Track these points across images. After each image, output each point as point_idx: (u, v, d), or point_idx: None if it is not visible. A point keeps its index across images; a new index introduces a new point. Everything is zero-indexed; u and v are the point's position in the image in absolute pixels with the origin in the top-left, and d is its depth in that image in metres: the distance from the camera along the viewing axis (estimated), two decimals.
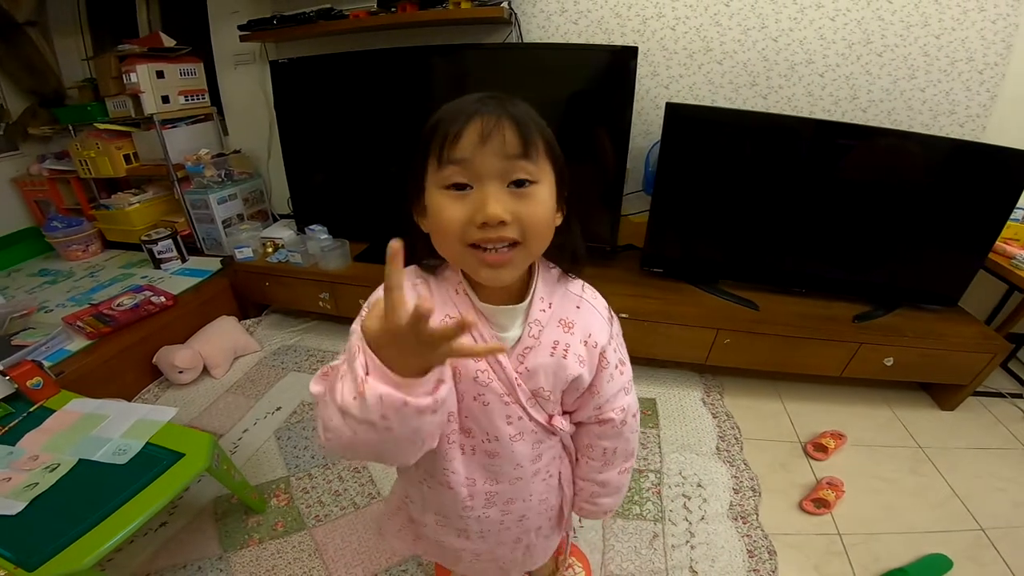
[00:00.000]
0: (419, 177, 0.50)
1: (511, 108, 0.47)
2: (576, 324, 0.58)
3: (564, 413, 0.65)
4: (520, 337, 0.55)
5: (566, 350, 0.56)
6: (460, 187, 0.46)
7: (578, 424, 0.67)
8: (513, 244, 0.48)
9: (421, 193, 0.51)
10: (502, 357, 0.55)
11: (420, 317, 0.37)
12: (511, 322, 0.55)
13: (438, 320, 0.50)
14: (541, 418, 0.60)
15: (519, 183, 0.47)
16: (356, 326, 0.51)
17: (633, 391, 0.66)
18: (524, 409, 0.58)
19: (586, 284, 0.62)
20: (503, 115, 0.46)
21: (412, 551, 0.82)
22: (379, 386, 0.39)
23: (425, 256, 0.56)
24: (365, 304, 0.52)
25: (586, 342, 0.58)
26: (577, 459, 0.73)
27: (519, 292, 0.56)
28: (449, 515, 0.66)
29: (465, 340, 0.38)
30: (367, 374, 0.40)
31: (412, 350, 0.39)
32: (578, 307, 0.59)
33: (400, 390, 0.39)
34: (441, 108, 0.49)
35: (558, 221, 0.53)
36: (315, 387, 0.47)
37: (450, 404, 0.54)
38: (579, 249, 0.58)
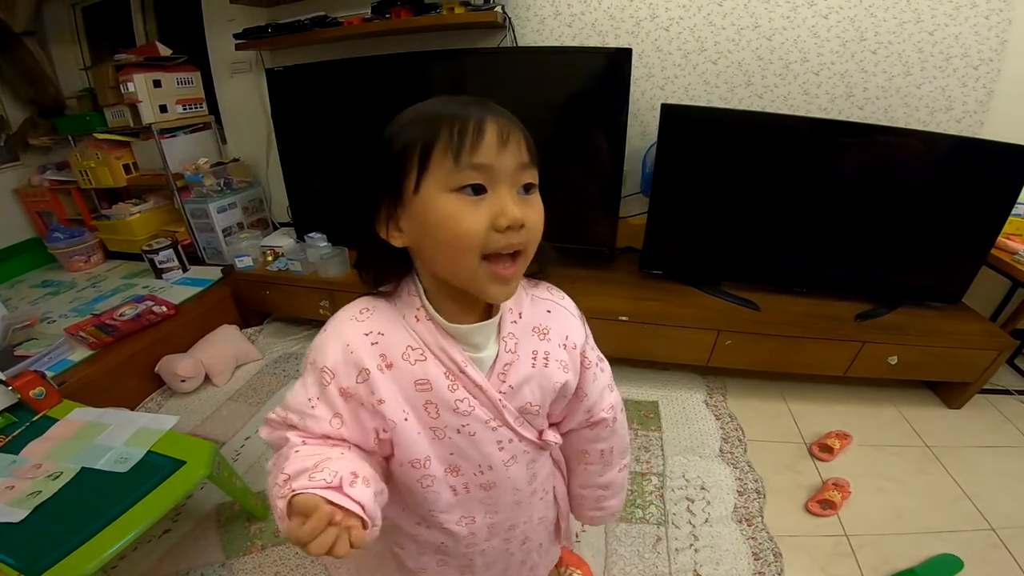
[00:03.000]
0: (397, 188, 0.45)
1: (509, 114, 0.46)
2: (552, 329, 0.56)
3: (551, 425, 0.62)
4: (497, 354, 0.52)
5: (547, 358, 0.54)
6: (478, 190, 0.43)
7: (568, 433, 0.65)
8: (515, 253, 0.46)
9: (397, 205, 0.46)
10: (481, 379, 0.51)
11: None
12: (485, 340, 0.52)
13: (399, 353, 0.50)
14: (532, 436, 0.57)
15: (527, 188, 0.46)
16: (310, 379, 0.52)
17: (615, 387, 0.64)
18: (513, 430, 0.55)
19: (551, 286, 0.60)
20: (511, 121, 0.45)
21: None
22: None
23: (392, 275, 0.53)
24: (311, 362, 0.52)
25: (564, 345, 0.56)
26: (571, 469, 0.70)
27: (486, 307, 0.53)
28: (451, 554, 0.63)
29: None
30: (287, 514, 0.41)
31: None
32: (549, 311, 0.57)
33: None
34: (418, 109, 0.46)
35: None
36: (265, 435, 0.54)
37: (417, 452, 0.52)
38: (546, 252, 0.53)
